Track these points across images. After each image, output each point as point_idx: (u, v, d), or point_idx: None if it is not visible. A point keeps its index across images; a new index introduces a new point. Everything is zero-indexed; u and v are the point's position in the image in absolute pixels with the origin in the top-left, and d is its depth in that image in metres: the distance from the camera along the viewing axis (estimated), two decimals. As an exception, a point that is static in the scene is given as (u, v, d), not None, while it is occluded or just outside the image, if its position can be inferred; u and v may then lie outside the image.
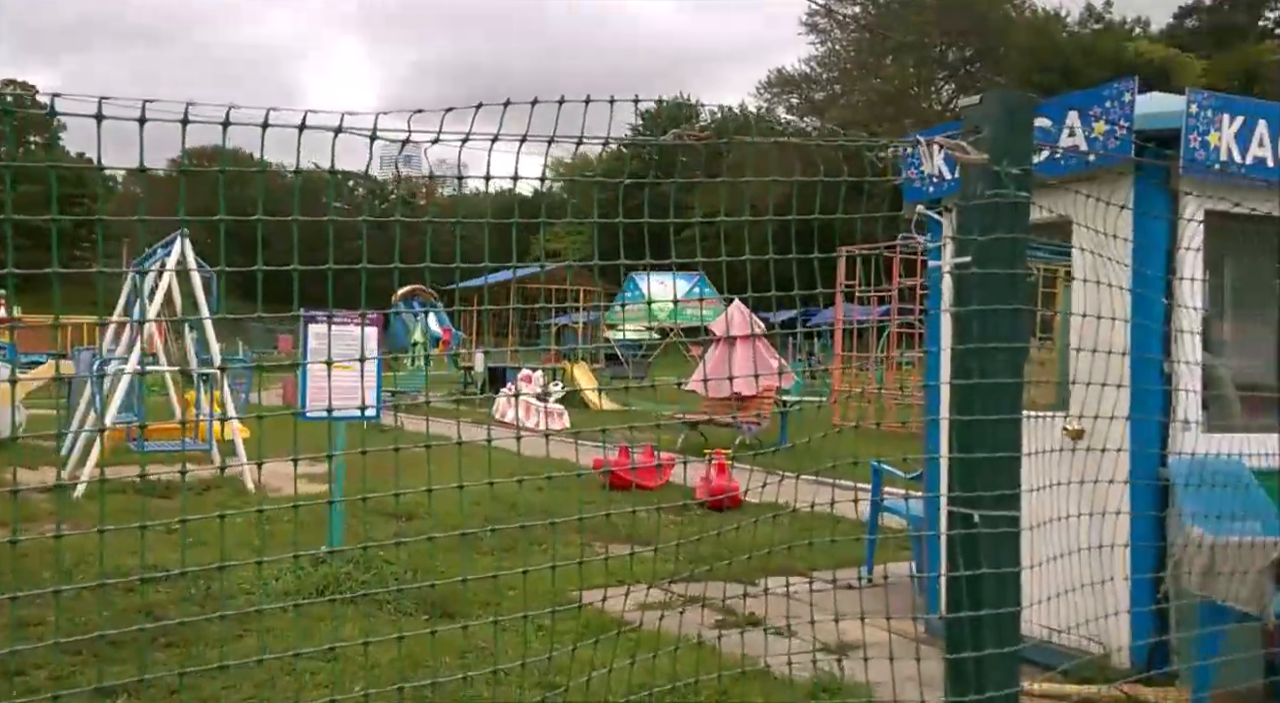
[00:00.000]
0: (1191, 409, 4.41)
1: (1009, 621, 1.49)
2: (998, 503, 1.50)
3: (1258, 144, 4.34)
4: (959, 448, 1.53)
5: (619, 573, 4.94)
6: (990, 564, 1.49)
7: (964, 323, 1.54)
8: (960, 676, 1.48)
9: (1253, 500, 4.19)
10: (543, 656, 3.76)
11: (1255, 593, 3.74)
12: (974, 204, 1.53)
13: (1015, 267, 1.52)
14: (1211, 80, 30.32)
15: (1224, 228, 4.72)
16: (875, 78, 53.00)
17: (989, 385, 1.51)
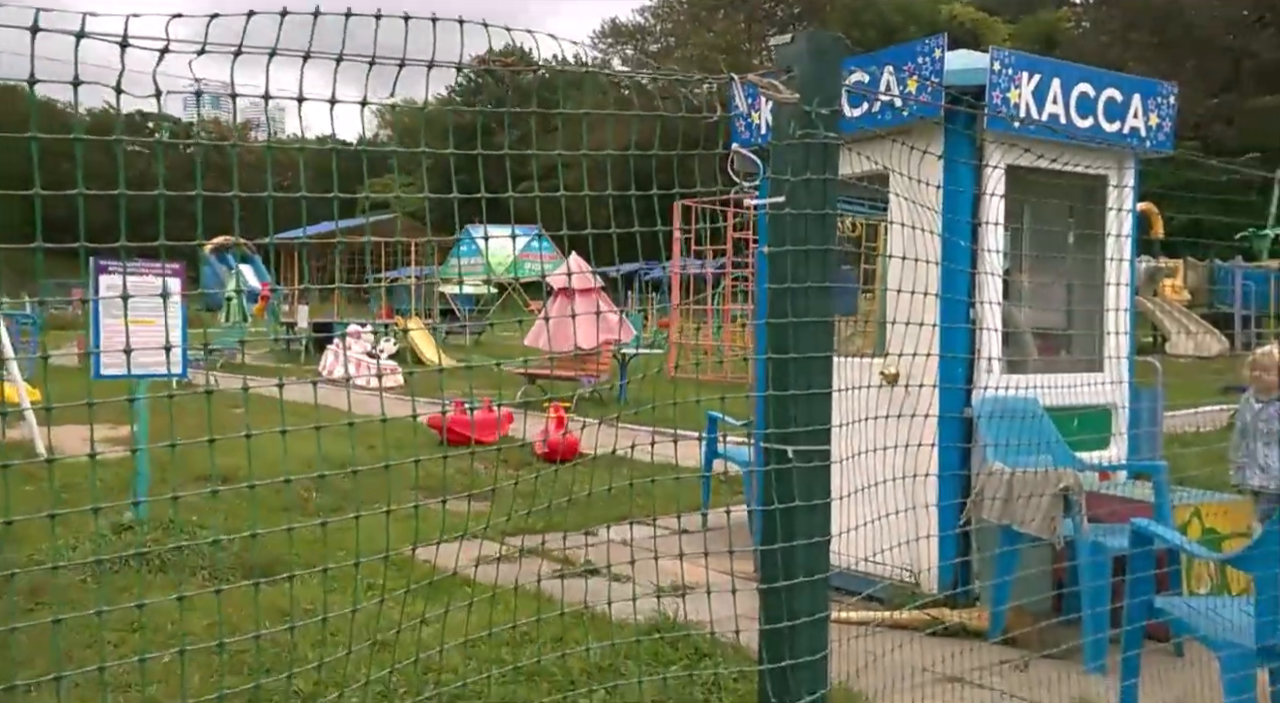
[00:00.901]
0: (994, 348, 4.73)
1: (819, 550, 1.55)
2: (810, 438, 1.55)
3: (1052, 101, 4.64)
4: (773, 385, 1.56)
5: (456, 528, 4.86)
6: (803, 497, 1.53)
7: (776, 262, 1.57)
8: (773, 604, 1.53)
9: (1045, 434, 4.56)
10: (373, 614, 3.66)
11: (1045, 519, 4.08)
12: (786, 144, 1.54)
13: (827, 207, 1.55)
14: (1016, 43, 32.30)
15: (1023, 180, 5.06)
16: (708, 32, 53.54)
17: (801, 324, 1.54)
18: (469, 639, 3.50)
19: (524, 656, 3.38)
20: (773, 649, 1.54)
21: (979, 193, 4.56)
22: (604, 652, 3.49)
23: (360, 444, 7.20)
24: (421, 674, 3.28)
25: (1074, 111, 4.73)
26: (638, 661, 3.48)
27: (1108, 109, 4.83)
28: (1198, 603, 3.24)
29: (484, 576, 3.64)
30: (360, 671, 3.19)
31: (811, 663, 1.52)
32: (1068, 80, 4.69)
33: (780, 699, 1.48)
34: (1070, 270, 5.54)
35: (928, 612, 4.33)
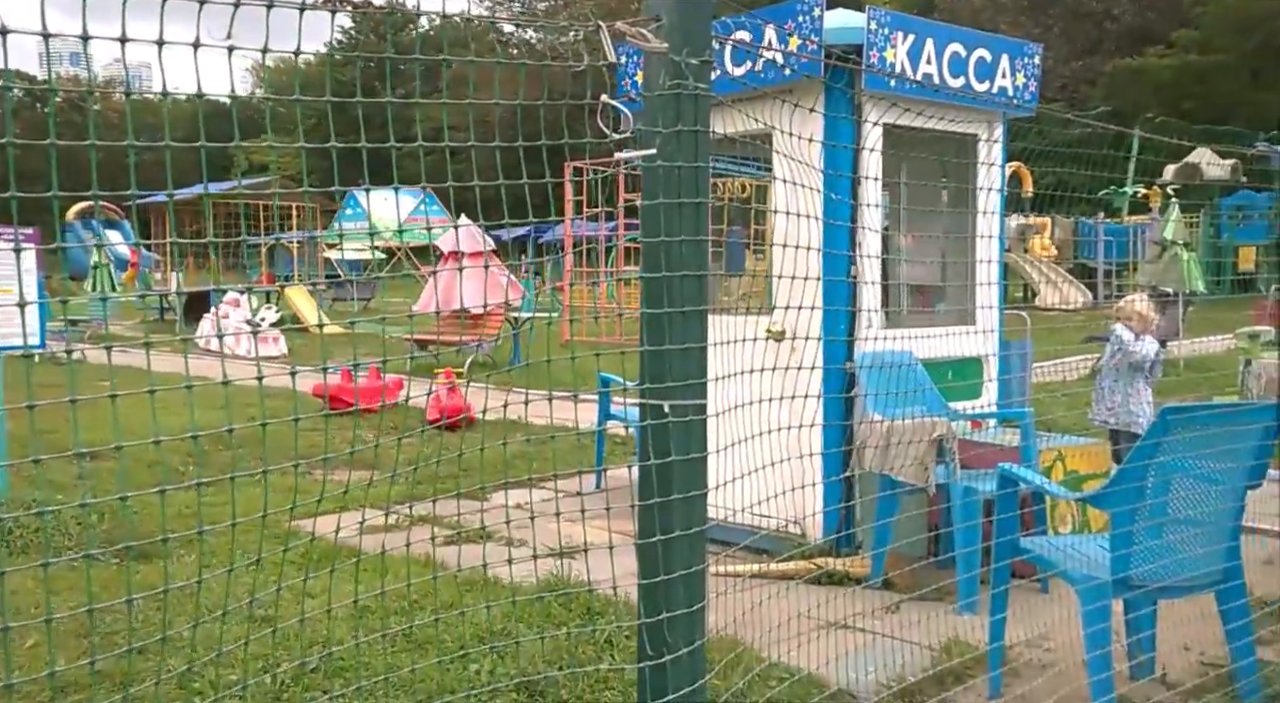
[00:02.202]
0: (873, 301, 4.86)
1: (696, 503, 1.56)
2: (686, 392, 1.54)
3: (926, 61, 4.75)
4: (649, 340, 1.55)
5: (343, 499, 4.74)
6: (679, 451, 1.54)
7: (649, 216, 1.55)
8: (649, 558, 1.53)
9: (920, 386, 4.72)
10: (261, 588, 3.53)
11: (920, 467, 4.25)
12: (657, 95, 1.52)
13: (700, 160, 1.54)
14: (898, 5, 32.96)
15: (900, 139, 5.18)
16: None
17: (676, 278, 1.53)
18: (357, 609, 3.43)
19: (413, 623, 3.33)
20: (650, 603, 1.55)
21: (858, 150, 4.65)
22: (496, 615, 3.47)
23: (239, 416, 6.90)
24: (306, 647, 3.20)
25: (947, 71, 4.86)
26: (529, 623, 3.48)
27: (978, 69, 4.97)
28: (1059, 541, 3.43)
29: (374, 545, 3.57)
30: (240, 646, 3.08)
31: (689, 615, 1.53)
32: (940, 41, 4.80)
33: (657, 652, 1.49)
34: (944, 226, 5.73)
35: (812, 560, 4.46)
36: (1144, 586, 2.94)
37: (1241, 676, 2.93)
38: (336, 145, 1.57)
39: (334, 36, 47.61)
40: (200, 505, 2.32)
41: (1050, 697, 2.99)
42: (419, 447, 6.69)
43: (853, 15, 4.69)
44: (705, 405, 1.58)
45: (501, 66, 1.77)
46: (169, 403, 1.77)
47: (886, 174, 5.70)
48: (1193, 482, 2.90)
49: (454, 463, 5.92)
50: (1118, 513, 2.92)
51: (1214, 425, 2.87)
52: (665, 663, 1.49)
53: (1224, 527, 2.97)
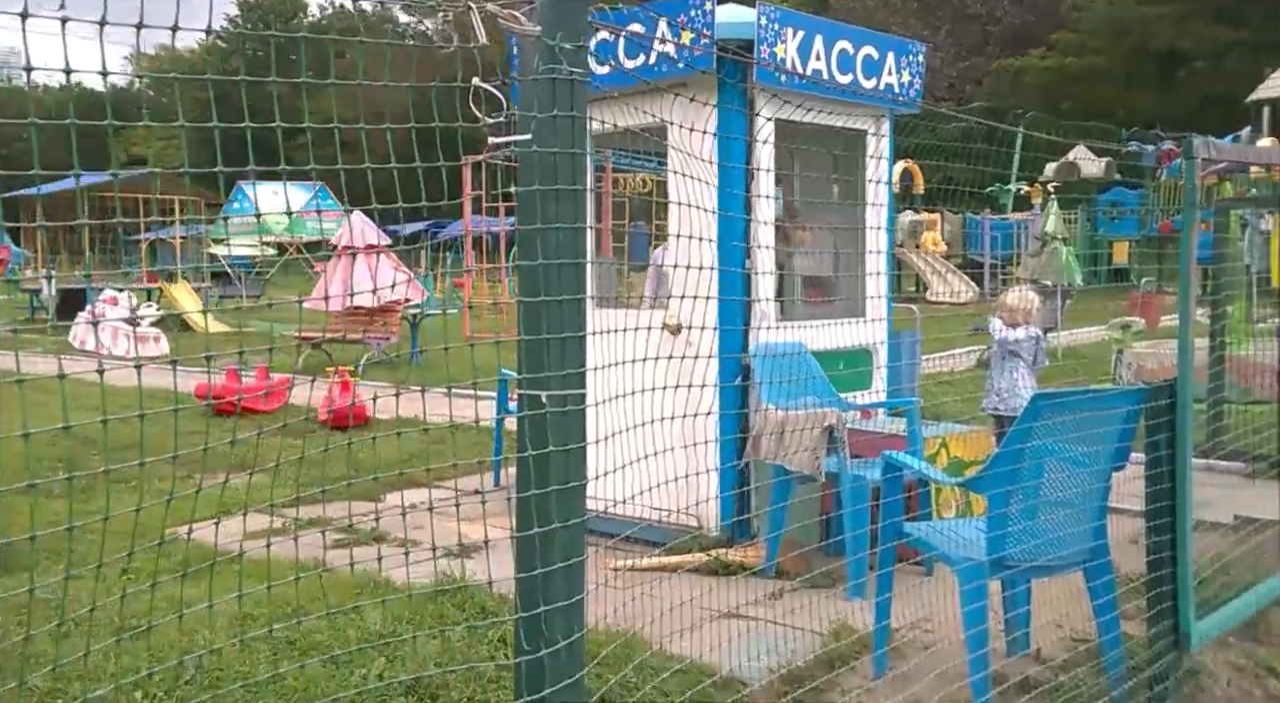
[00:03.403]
0: (768, 292, 4.93)
1: (574, 495, 1.54)
2: (564, 383, 1.52)
3: (815, 57, 4.84)
4: (525, 330, 1.52)
5: (229, 504, 4.55)
6: (557, 442, 1.51)
7: (525, 204, 1.52)
8: (527, 552, 1.51)
9: (812, 377, 4.82)
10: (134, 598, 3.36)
11: (811, 456, 4.33)
12: (531, 79, 1.49)
13: (576, 146, 1.52)
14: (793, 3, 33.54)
15: (792, 134, 5.27)
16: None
17: (552, 267, 1.51)
18: (240, 617, 3.30)
19: (296, 631, 3.21)
20: (527, 598, 1.52)
21: (751, 143, 4.70)
22: (384, 618, 3.39)
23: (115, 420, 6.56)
24: (180, 661, 3.06)
25: (835, 68, 4.96)
26: (422, 624, 3.40)
27: (865, 66, 5.09)
28: (940, 525, 3.54)
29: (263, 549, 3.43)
30: (109, 662, 2.93)
31: (568, 608, 1.51)
32: (829, 37, 4.90)
33: (534, 646, 1.47)
34: (835, 219, 5.86)
35: (707, 550, 4.51)
36: (1018, 565, 3.06)
37: (1107, 649, 3.08)
38: (219, 125, 1.49)
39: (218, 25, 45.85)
40: (70, 511, 2.19)
41: (930, 675, 3.09)
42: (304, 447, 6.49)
43: (744, 10, 4.74)
44: (584, 396, 1.56)
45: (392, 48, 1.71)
46: (43, 406, 1.65)
47: (779, 168, 5.80)
48: (1063, 465, 3.03)
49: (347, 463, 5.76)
50: (993, 496, 3.03)
51: (1081, 411, 3.01)
52: (543, 657, 1.47)
53: (1092, 508, 3.12)
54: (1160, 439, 2.97)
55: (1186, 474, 3.00)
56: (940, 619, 3.66)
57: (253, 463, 5.34)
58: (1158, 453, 2.98)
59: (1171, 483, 2.99)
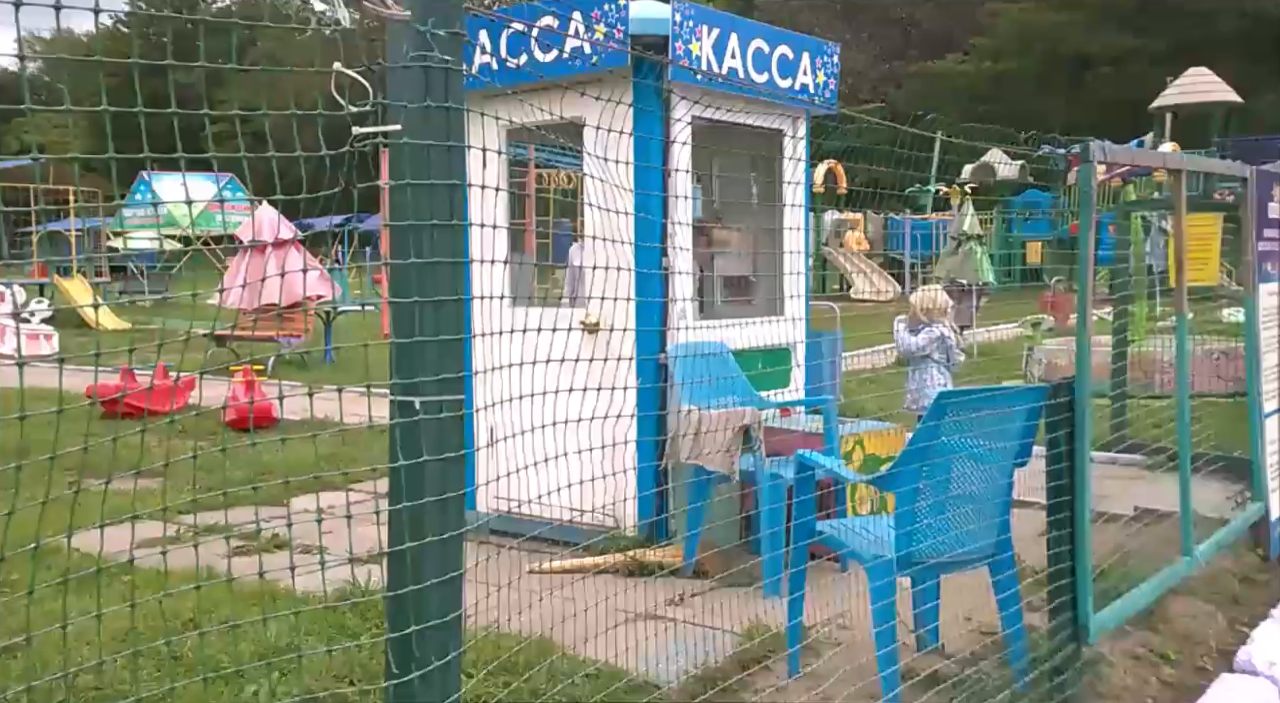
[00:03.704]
0: (686, 292, 4.91)
1: (452, 506, 1.47)
2: (441, 388, 1.45)
3: (730, 56, 4.83)
4: (398, 332, 1.45)
5: (123, 510, 4.34)
6: (433, 451, 1.44)
7: (397, 198, 1.45)
8: (399, 568, 1.44)
9: (730, 375, 4.81)
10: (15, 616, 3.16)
11: (726, 457, 4.32)
12: (401, 67, 1.42)
13: (452, 138, 1.45)
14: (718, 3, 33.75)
15: (710, 133, 5.25)
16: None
17: (428, 266, 1.44)
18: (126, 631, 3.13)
19: (186, 646, 3.06)
20: (399, 616, 1.45)
21: (667, 143, 4.67)
22: (283, 630, 3.25)
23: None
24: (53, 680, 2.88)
25: (751, 67, 4.96)
26: (321, 636, 3.28)
27: (781, 65, 5.10)
28: (852, 522, 3.56)
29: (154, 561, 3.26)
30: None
31: (443, 626, 1.44)
32: (744, 36, 4.89)
33: (404, 669, 1.39)
34: (754, 219, 5.87)
35: (625, 551, 4.46)
36: (926, 561, 3.08)
37: (1011, 642, 3.13)
38: (109, 108, 1.38)
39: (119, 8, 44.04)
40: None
41: (842, 671, 3.09)
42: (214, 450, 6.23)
43: (658, 6, 4.70)
44: (462, 402, 1.49)
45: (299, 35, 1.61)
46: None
47: (699, 168, 5.79)
48: (968, 462, 3.06)
49: (251, 466, 5.56)
50: (901, 493, 3.04)
51: (985, 409, 3.04)
52: (413, 680, 1.39)
53: (996, 503, 3.16)
54: (1060, 435, 3.02)
55: (1085, 469, 3.06)
56: (855, 615, 3.67)
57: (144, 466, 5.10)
58: (1057, 449, 3.03)
59: (1071, 478, 3.04)
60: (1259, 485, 4.56)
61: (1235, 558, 4.46)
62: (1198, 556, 3.91)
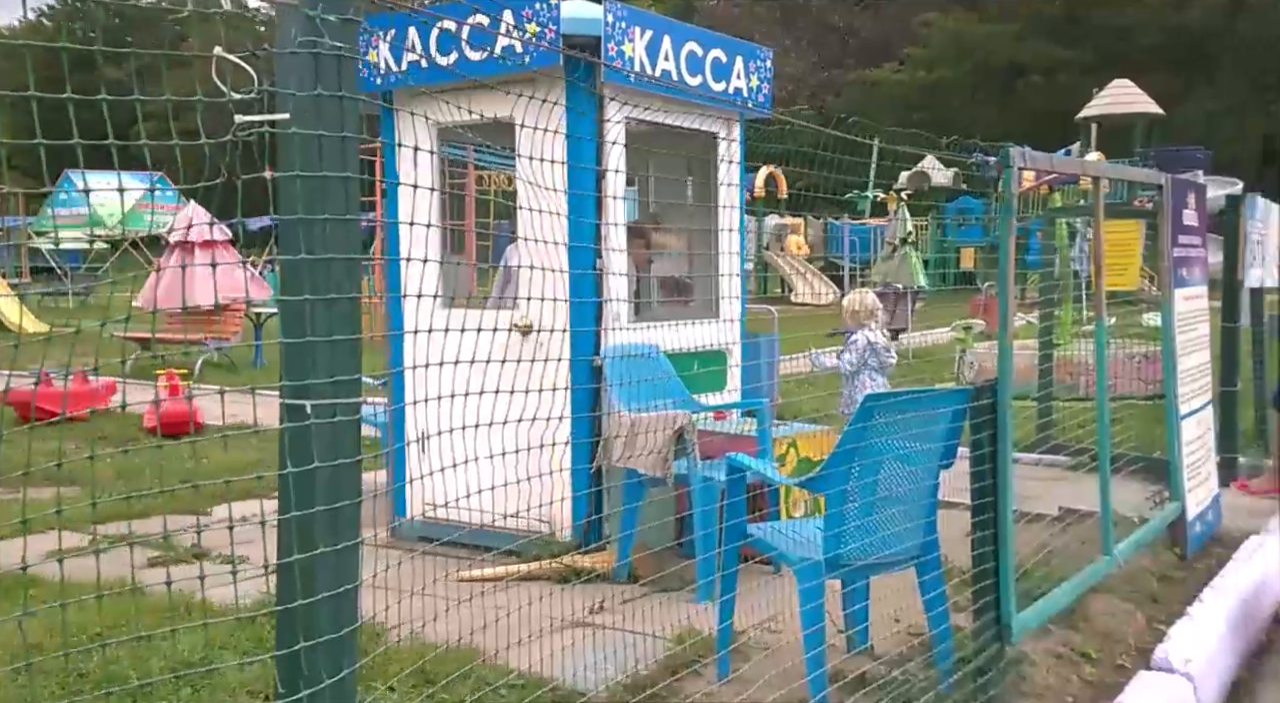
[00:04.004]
0: (620, 294, 4.87)
1: (345, 516, 1.41)
2: (334, 391, 1.39)
3: (664, 58, 4.81)
4: (287, 332, 1.38)
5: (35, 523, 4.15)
6: (324, 457, 1.38)
7: (286, 192, 1.38)
8: (288, 582, 1.37)
9: (664, 378, 4.79)
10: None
11: (660, 460, 4.29)
12: (289, 53, 1.35)
13: (346, 129, 1.38)
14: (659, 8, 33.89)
15: (644, 135, 5.23)
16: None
17: (320, 262, 1.37)
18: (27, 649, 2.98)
19: (93, 660, 2.93)
20: (286, 634, 1.38)
21: (601, 143, 4.63)
22: (196, 643, 3.13)
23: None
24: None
25: (685, 69, 4.94)
26: (237, 649, 3.16)
27: (715, 69, 5.10)
28: (782, 525, 3.56)
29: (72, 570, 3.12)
30: None
31: (335, 642, 1.38)
32: (677, 39, 4.87)
33: (291, 688, 1.33)
34: (689, 221, 5.86)
35: (557, 557, 4.40)
36: (853, 563, 3.09)
37: (937, 643, 3.15)
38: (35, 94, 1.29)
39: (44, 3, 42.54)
40: None
41: (772, 674, 3.08)
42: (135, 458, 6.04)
43: (590, 7, 4.66)
44: (358, 406, 1.43)
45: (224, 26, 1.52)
46: None
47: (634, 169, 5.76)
48: (895, 464, 3.08)
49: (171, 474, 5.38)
50: (829, 496, 3.05)
51: (911, 411, 3.06)
52: (302, 700, 1.33)
53: (922, 505, 3.18)
54: (983, 437, 3.05)
55: (1007, 470, 3.10)
56: (786, 617, 3.67)
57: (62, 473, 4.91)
58: (981, 451, 3.06)
59: (994, 479, 3.07)
60: (1176, 485, 4.68)
61: (1154, 557, 4.57)
62: (1117, 555, 3.99)
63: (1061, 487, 5.48)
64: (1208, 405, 5.24)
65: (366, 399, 5.67)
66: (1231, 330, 6.35)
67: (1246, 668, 3.84)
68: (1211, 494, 5.16)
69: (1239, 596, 4.04)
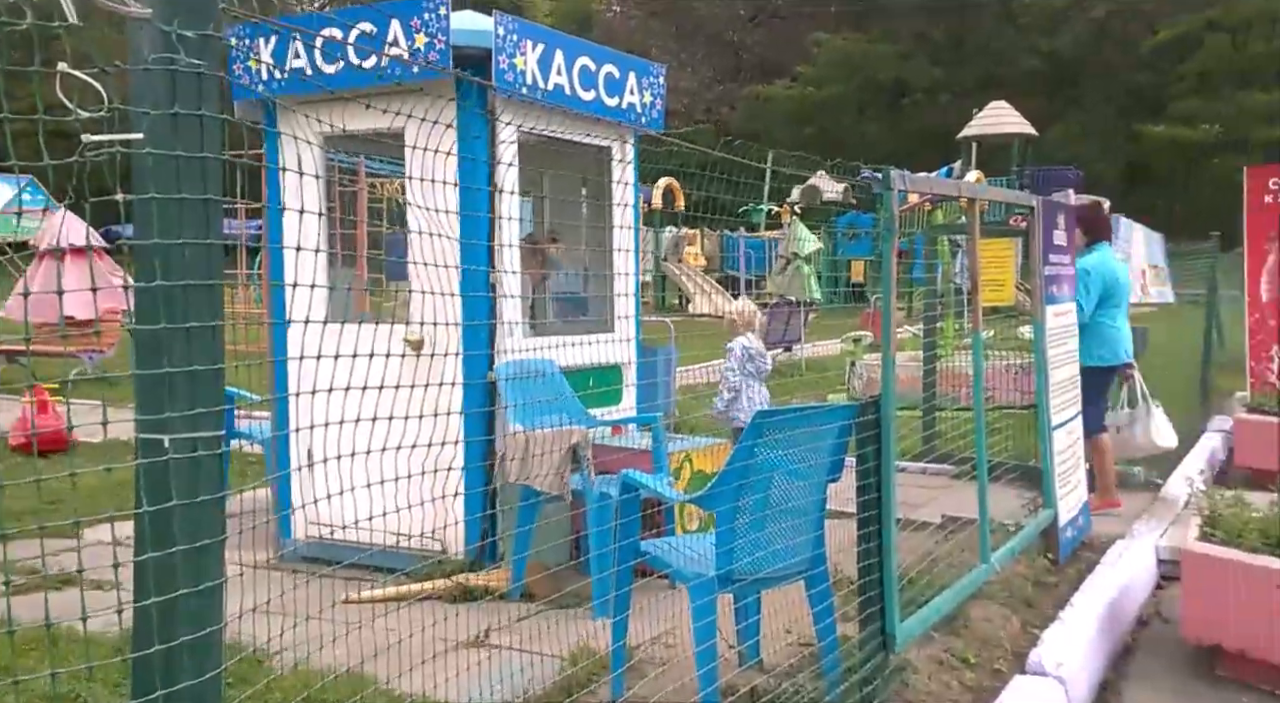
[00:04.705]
0: (514, 313, 4.82)
1: (208, 555, 1.34)
2: (194, 424, 1.32)
3: (557, 72, 4.79)
4: (142, 362, 1.31)
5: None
6: (184, 494, 1.31)
7: (141, 213, 1.31)
8: (144, 626, 1.29)
9: (560, 394, 4.76)
10: None
11: (557, 476, 4.26)
12: (142, 69, 1.28)
13: (207, 148, 1.32)
14: (556, 20, 33.92)
15: (539, 150, 5.19)
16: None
17: (176, 289, 1.30)
18: None
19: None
20: (142, 681, 1.30)
21: (493, 156, 4.57)
22: (67, 676, 2.94)
23: None
24: None
25: (578, 84, 4.94)
26: (109, 683, 2.99)
27: (608, 84, 5.11)
28: (676, 541, 3.57)
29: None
30: None
31: (195, 689, 1.31)
32: (570, 53, 4.86)
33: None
34: (584, 237, 5.85)
35: (450, 576, 4.32)
36: (746, 578, 3.12)
37: (826, 653, 3.21)
38: None
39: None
40: None
41: (666, 692, 3.07)
42: None
43: (480, 19, 4.61)
44: (220, 439, 1.36)
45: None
46: None
47: (528, 183, 5.71)
48: (785, 479, 3.12)
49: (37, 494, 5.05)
50: (721, 512, 3.07)
51: (799, 427, 3.11)
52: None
53: (811, 518, 3.23)
54: (868, 451, 3.13)
55: (890, 482, 3.18)
56: (682, 633, 3.68)
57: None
58: (866, 464, 3.13)
59: (879, 492, 3.15)
60: (1049, 493, 4.90)
61: (1028, 562, 4.77)
62: (995, 562, 4.15)
63: (947, 495, 5.68)
64: (1077, 416, 5.51)
65: (251, 415, 5.45)
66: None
67: (1114, 669, 4.03)
68: (1081, 501, 5.42)
69: (1107, 599, 4.25)
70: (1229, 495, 4.12)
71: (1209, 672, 3.90)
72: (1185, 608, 3.97)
